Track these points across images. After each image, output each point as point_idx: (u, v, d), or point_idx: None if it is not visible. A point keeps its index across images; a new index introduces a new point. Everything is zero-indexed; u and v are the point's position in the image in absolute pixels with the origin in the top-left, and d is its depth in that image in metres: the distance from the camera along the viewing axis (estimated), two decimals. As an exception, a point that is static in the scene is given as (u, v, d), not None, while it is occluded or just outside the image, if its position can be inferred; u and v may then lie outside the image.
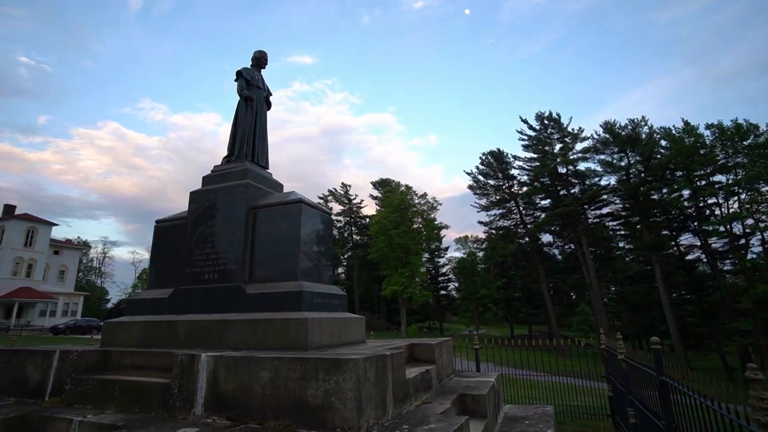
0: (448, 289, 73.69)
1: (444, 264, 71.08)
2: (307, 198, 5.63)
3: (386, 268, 53.75)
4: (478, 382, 5.41)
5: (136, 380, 4.10)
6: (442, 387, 5.13)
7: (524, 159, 47.49)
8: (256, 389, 3.48)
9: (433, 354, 5.16)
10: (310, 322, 4.42)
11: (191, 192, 5.79)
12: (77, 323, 35.64)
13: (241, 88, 6.15)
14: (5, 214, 37.74)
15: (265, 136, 6.35)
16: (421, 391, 4.46)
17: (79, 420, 3.74)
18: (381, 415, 3.46)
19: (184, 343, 4.91)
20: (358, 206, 71.40)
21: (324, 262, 5.50)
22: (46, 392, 4.49)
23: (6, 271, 35.99)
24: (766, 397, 1.98)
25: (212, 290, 5.18)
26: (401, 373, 3.98)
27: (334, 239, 5.59)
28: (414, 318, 70.05)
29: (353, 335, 5.27)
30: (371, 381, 3.36)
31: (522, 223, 50.62)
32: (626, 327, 54.01)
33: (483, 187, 52.43)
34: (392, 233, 51.66)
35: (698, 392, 2.83)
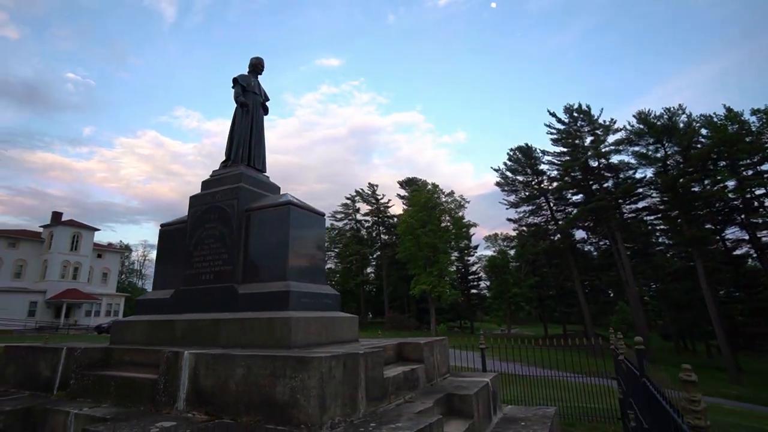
0: (479, 288, 72.59)
1: (474, 262, 70.10)
2: (298, 200, 5.75)
3: (414, 268, 53.67)
4: (471, 382, 5.36)
5: (129, 376, 4.34)
6: (432, 386, 5.12)
7: (553, 153, 46.16)
8: (231, 386, 3.61)
9: (422, 353, 5.15)
10: (294, 321, 4.52)
11: (191, 196, 6.04)
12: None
13: (237, 95, 6.35)
14: (53, 220, 40.54)
15: (261, 140, 6.53)
16: (404, 390, 4.47)
17: (75, 413, 4.00)
18: (350, 413, 3.51)
19: (182, 342, 5.13)
20: (385, 206, 71.63)
21: (315, 262, 5.60)
22: (55, 386, 4.82)
23: (55, 274, 38.62)
24: (697, 399, 1.88)
25: (208, 290, 5.39)
26: (377, 371, 4.00)
27: (326, 240, 5.65)
28: (444, 317, 69.48)
29: (344, 334, 5.34)
30: (337, 379, 3.42)
31: (553, 219, 49.20)
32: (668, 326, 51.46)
33: (512, 184, 51.36)
34: (419, 232, 51.52)
35: (664, 394, 2.71)
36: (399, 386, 4.38)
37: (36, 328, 33.66)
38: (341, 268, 73.22)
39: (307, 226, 5.55)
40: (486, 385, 5.32)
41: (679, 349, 50.84)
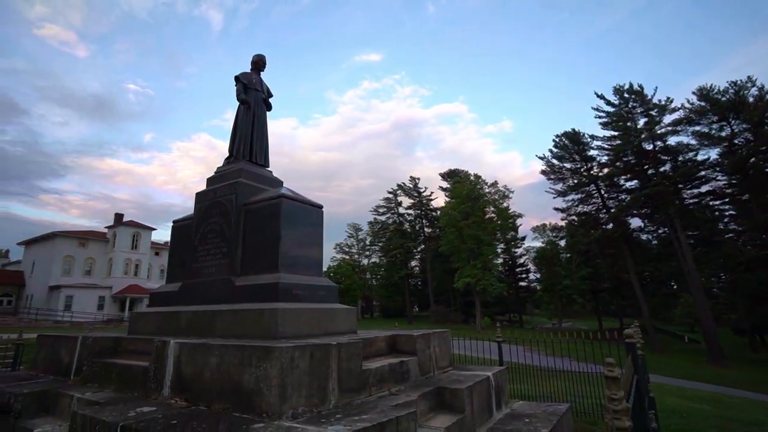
0: (528, 281, 70.21)
1: (522, 254, 67.87)
2: (293, 192, 5.80)
3: (458, 260, 52.87)
4: (469, 376, 5.17)
5: (129, 364, 4.60)
6: (426, 380, 4.99)
7: (603, 138, 43.40)
8: (206, 374, 3.72)
9: (414, 345, 5.03)
10: (281, 312, 4.56)
11: (196, 193, 6.27)
12: (178, 315, 40.39)
13: (239, 92, 6.49)
14: (116, 222, 44.19)
15: (263, 135, 6.64)
16: (389, 383, 4.39)
17: (78, 397, 4.30)
18: (318, 404, 3.49)
19: (185, 332, 5.36)
20: (427, 199, 71.03)
21: (310, 255, 5.63)
22: (72, 372, 5.22)
23: (119, 271, 42.11)
24: (618, 397, 1.67)
25: (210, 283, 5.59)
26: (354, 362, 3.95)
27: (322, 232, 5.72)
28: (492, 311, 67.95)
29: (339, 326, 5.32)
30: (302, 369, 3.41)
31: (604, 207, 46.43)
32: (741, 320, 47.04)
33: (558, 172, 49.01)
34: (462, 224, 50.61)
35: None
36: (383, 378, 4.31)
37: (104, 320, 36.96)
38: (386, 262, 73.69)
39: (301, 219, 5.59)
40: (485, 379, 5.11)
41: (754, 345, 46.36)
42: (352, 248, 79.83)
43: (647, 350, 37.60)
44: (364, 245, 79.20)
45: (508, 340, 8.13)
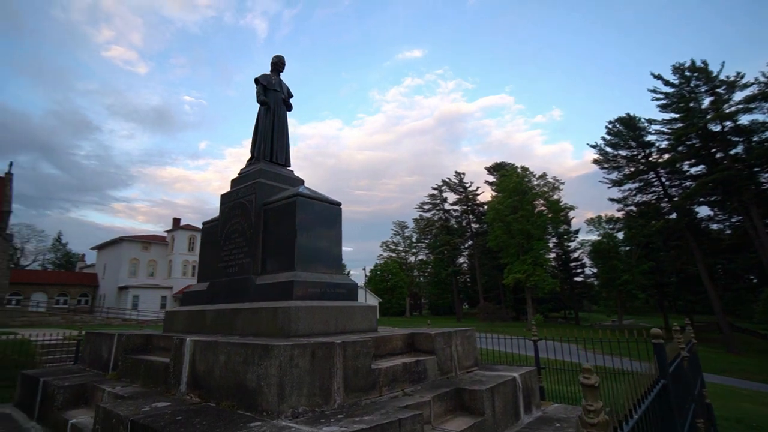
0: (584, 276, 66.68)
1: (575, 248, 64.56)
2: (311, 191, 5.79)
3: (507, 256, 51.31)
4: (493, 377, 4.91)
5: (154, 360, 4.79)
6: (446, 380, 4.79)
7: (662, 122, 40.12)
8: (216, 371, 3.77)
9: (433, 344, 4.84)
10: (294, 310, 4.56)
11: (221, 195, 6.44)
12: (233, 313, 42.60)
13: (258, 94, 6.59)
14: (174, 226, 47.24)
15: (283, 135, 6.69)
16: (403, 382, 4.25)
17: (108, 390, 4.54)
18: (321, 403, 3.43)
19: (210, 330, 5.52)
20: (473, 194, 69.48)
21: (327, 253, 5.58)
22: (110, 367, 5.53)
23: (178, 272, 44.99)
24: (594, 408, 1.43)
25: (232, 282, 5.71)
26: (362, 361, 3.85)
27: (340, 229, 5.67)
28: (545, 307, 65.37)
29: (356, 324, 5.24)
30: (302, 368, 3.35)
31: (666, 195, 42.98)
32: (836, 317, 41.87)
33: (613, 160, 46.03)
34: (510, 219, 49.03)
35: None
36: (396, 378, 4.17)
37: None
38: (432, 259, 73.03)
39: (318, 217, 5.56)
40: (510, 381, 4.82)
41: None
42: (399, 246, 79.90)
43: (721, 350, 34.30)
44: (410, 243, 79.01)
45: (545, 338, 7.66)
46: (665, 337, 3.20)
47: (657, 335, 2.93)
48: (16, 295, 36.47)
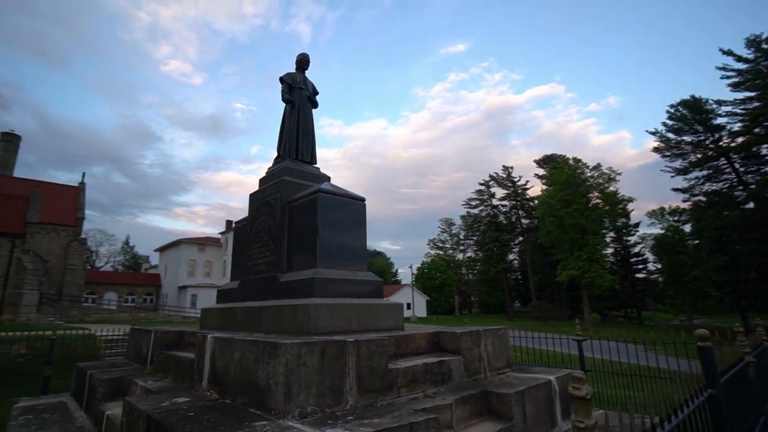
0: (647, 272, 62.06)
1: (636, 243, 60.36)
2: (333, 187, 5.72)
3: (560, 252, 49.03)
4: (526, 379, 4.57)
5: (183, 356, 4.91)
6: (473, 382, 4.52)
7: (734, 102, 36.44)
8: (231, 368, 3.77)
9: (458, 344, 4.58)
10: (313, 307, 4.50)
11: (250, 194, 6.54)
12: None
13: (283, 93, 6.62)
14: (227, 228, 49.71)
15: (309, 132, 6.67)
16: (424, 384, 4.04)
17: (141, 384, 4.71)
18: (332, 404, 3.32)
19: (239, 327, 5.61)
20: (522, 188, 67.04)
21: (351, 249, 5.47)
22: (148, 361, 5.77)
23: (232, 272, 47.31)
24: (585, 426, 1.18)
25: (260, 280, 5.77)
26: (377, 361, 3.69)
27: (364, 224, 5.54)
28: (603, 305, 61.66)
29: (381, 321, 5.09)
30: (310, 367, 3.25)
31: (741, 183, 39.05)
32: None
33: (676, 147, 42.53)
34: (562, 213, 46.76)
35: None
36: (415, 379, 3.97)
37: (223, 315, 41.88)
38: (481, 256, 71.34)
39: (341, 213, 5.46)
40: (545, 384, 4.47)
41: None
42: (446, 243, 78.89)
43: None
44: (457, 240, 77.75)
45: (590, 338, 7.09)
46: (721, 339, 2.78)
47: (703, 337, 2.53)
48: (92, 294, 40.04)
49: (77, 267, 30.34)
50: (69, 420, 5.30)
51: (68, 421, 5.23)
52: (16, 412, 5.76)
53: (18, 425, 5.13)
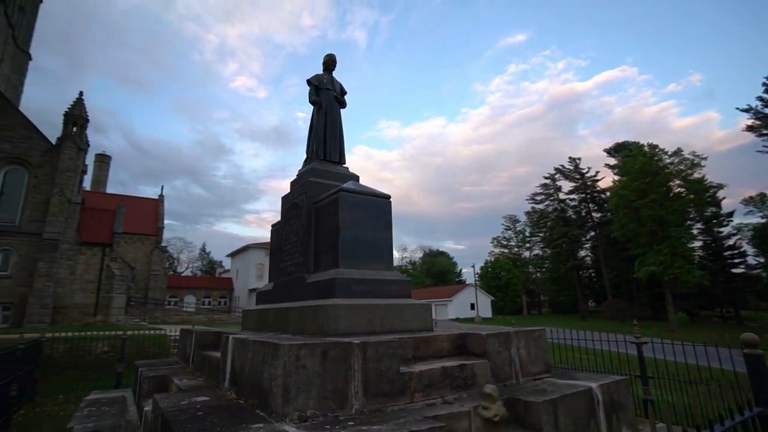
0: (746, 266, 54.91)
1: (730, 234, 53.74)
2: (357, 185, 5.63)
3: (637, 246, 45.09)
4: (563, 386, 4.13)
5: (213, 356, 5.07)
6: (503, 387, 4.17)
7: None
8: (245, 369, 3.80)
9: (485, 347, 4.26)
10: (332, 308, 4.43)
11: (282, 197, 6.66)
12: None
13: (310, 95, 6.66)
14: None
15: (336, 133, 6.65)
16: (443, 389, 3.80)
17: (176, 383, 4.93)
18: (335, 408, 3.20)
19: (270, 328, 5.71)
20: (593, 180, 62.57)
21: (375, 248, 5.33)
22: (190, 360, 6.06)
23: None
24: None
25: (290, 281, 5.83)
26: (386, 364, 3.52)
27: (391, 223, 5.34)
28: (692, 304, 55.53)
29: (407, 323, 4.90)
30: (310, 369, 3.16)
31: None
32: None
33: (775, 122, 37.29)
34: (638, 204, 42.95)
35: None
36: (432, 384, 3.74)
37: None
38: (550, 253, 67.67)
39: (364, 212, 5.35)
40: (584, 392, 4.00)
41: None
42: (511, 241, 76.00)
43: None
44: (523, 237, 74.56)
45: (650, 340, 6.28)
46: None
47: (751, 342, 2.07)
48: (174, 297, 43.85)
49: (159, 272, 33.33)
50: (123, 413, 5.71)
51: (122, 414, 5.63)
52: (84, 404, 6.33)
53: (81, 416, 5.62)
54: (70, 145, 22.19)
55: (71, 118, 23.26)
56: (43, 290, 19.79)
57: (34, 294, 19.61)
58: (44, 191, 20.93)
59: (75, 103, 24.05)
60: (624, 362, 8.26)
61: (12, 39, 24.74)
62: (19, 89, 26.43)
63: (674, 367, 7.56)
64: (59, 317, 19.83)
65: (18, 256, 20.10)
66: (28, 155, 21.14)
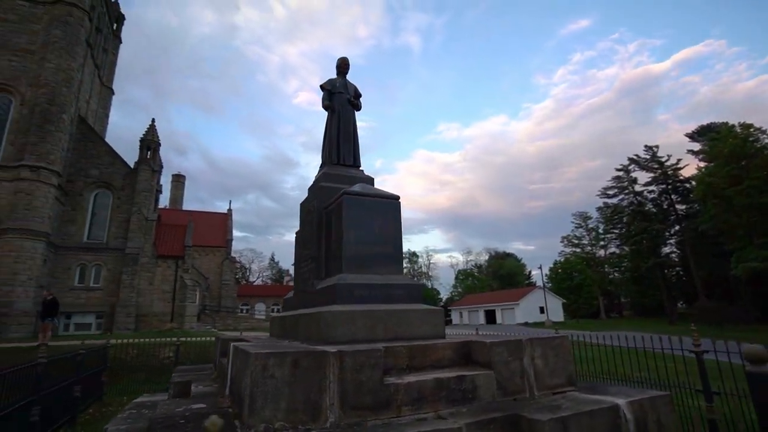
0: None
1: None
2: (362, 187, 5.47)
3: (732, 240, 40.03)
4: (583, 402, 3.62)
5: (224, 362, 5.15)
6: (513, 402, 3.76)
7: None
8: (236, 377, 3.78)
9: (489, 356, 3.86)
10: (329, 315, 4.30)
11: (300, 203, 6.68)
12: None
13: (323, 100, 6.64)
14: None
15: (349, 137, 6.54)
16: (436, 402, 3.49)
17: (193, 389, 5.08)
18: (307, 420, 3.05)
19: (285, 335, 5.73)
20: (674, 168, 56.66)
21: (381, 251, 5.11)
22: (215, 366, 6.24)
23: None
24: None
25: (305, 288, 5.81)
26: (367, 374, 3.30)
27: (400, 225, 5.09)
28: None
29: (414, 329, 4.61)
30: (279, 379, 3.04)
31: None
32: None
33: None
34: (730, 192, 38.02)
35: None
36: (422, 397, 3.45)
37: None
38: (628, 251, 62.20)
39: (370, 214, 5.17)
40: (607, 410, 3.46)
41: None
42: (583, 239, 71.06)
43: None
44: (596, 235, 69.35)
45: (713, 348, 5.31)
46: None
47: (756, 357, 1.60)
48: (245, 305, 46.64)
49: (230, 282, 35.64)
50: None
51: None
52: (129, 406, 6.76)
53: (122, 417, 5.99)
54: (145, 168, 24.65)
55: (145, 143, 25.81)
56: (127, 300, 22.03)
57: (120, 304, 21.90)
58: (125, 210, 23.43)
59: (148, 130, 26.65)
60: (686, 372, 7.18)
61: (98, 78, 28.17)
62: (104, 121, 30.09)
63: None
64: (141, 324, 21.93)
65: (107, 270, 22.59)
66: (112, 179, 23.81)
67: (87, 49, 24.09)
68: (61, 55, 20.64)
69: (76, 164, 22.98)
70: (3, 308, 17.38)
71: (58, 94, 20.22)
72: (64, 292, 21.22)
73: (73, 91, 21.54)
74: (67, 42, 21.01)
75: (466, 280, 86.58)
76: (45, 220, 19.18)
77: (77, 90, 22.66)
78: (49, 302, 13.20)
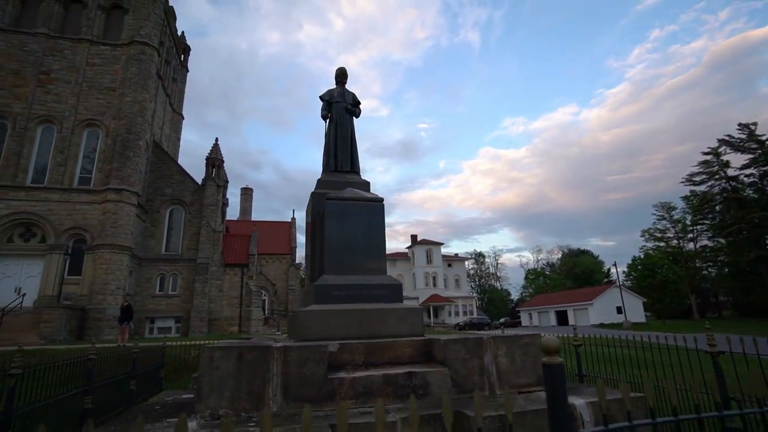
0: None
1: None
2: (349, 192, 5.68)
3: None
4: (538, 401, 3.51)
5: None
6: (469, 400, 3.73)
7: None
8: (212, 371, 4.17)
9: (444, 354, 3.86)
10: (304, 314, 4.62)
11: (306, 210, 7.06)
12: (472, 321, 43.70)
13: (322, 110, 6.97)
14: (412, 242, 52.91)
15: (347, 144, 6.78)
16: (385, 397, 3.59)
17: (202, 383, 5.60)
18: (250, 408, 3.34)
19: (290, 334, 6.07)
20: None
21: (364, 253, 5.29)
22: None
23: (420, 284, 49.80)
24: None
25: (305, 290, 6.14)
26: (311, 369, 3.50)
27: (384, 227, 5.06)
28: None
29: (391, 328, 4.72)
30: (223, 371, 3.36)
31: None
32: None
33: None
34: None
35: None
36: (368, 391, 3.58)
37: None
38: (724, 244, 55.37)
39: (352, 218, 5.38)
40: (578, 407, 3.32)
41: None
42: (667, 232, 64.54)
43: None
44: (683, 226, 62.63)
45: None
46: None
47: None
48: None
49: (295, 287, 37.47)
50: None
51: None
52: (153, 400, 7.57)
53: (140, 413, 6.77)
54: (211, 184, 27.02)
55: (210, 161, 28.29)
56: (200, 306, 24.24)
57: (194, 309, 24.15)
58: (196, 224, 25.87)
59: (212, 149, 29.19)
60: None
61: (169, 105, 31.47)
62: (177, 144, 33.63)
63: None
64: (213, 328, 23.99)
65: (182, 279, 25.05)
66: (183, 196, 26.43)
67: (158, 80, 27.03)
68: (136, 89, 23.49)
69: (153, 184, 25.91)
70: (98, 314, 20.07)
71: (134, 123, 23.04)
72: (147, 299, 24.00)
73: (147, 119, 24.35)
74: (140, 77, 23.86)
75: (536, 280, 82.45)
76: (128, 236, 21.82)
77: (151, 118, 25.59)
78: (125, 308, 15.03)
